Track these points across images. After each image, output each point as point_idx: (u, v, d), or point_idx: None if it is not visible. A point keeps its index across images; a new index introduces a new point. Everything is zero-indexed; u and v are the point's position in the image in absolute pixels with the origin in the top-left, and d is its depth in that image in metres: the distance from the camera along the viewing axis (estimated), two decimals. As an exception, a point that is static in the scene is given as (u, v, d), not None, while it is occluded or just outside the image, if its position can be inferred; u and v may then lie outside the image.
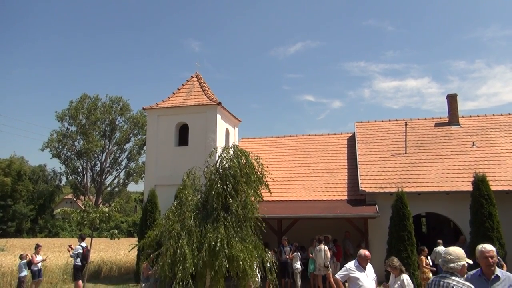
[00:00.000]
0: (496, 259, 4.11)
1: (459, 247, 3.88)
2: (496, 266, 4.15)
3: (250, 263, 7.98)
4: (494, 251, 4.12)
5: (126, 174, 50.14)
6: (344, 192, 15.62)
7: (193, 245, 7.54)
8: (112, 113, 47.85)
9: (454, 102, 18.36)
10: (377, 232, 13.76)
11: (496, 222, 11.67)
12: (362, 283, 6.01)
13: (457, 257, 3.72)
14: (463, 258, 3.71)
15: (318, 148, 18.88)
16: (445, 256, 3.77)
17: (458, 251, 3.77)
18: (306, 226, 15.07)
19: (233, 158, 8.69)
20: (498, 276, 4.04)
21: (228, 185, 8.29)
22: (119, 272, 17.32)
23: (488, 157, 15.29)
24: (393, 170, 15.44)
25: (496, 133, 16.80)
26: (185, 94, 18.08)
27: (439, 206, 14.31)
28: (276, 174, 16.76)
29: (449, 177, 14.47)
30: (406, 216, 12.26)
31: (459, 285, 3.55)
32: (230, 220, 8.03)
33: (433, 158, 15.77)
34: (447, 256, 3.75)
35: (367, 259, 6.21)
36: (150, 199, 14.94)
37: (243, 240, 8.14)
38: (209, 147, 15.22)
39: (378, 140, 17.81)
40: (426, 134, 17.60)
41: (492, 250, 4.12)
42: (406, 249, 11.85)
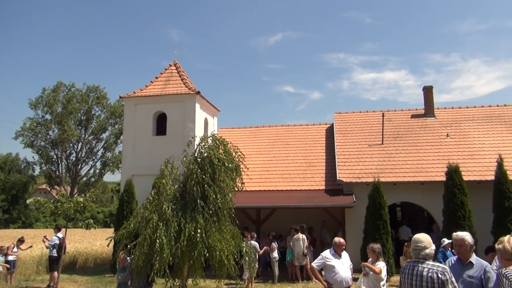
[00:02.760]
0: (465, 247, 4.23)
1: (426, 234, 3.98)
2: (472, 253, 4.28)
3: (228, 253, 8.01)
4: (465, 240, 4.24)
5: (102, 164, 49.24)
6: (322, 182, 15.78)
7: (170, 235, 7.48)
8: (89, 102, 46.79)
9: (430, 94, 18.71)
10: (353, 221, 13.97)
11: (468, 211, 12.03)
12: (338, 270, 6.11)
13: (428, 242, 3.83)
14: (432, 243, 3.83)
15: (297, 138, 18.97)
16: (417, 244, 3.86)
17: (427, 237, 3.89)
18: (284, 215, 15.19)
19: (211, 148, 8.64)
20: (472, 262, 4.18)
21: (207, 174, 8.25)
22: (95, 263, 17.09)
23: (461, 148, 15.69)
24: (370, 161, 15.67)
25: (469, 125, 17.24)
26: (163, 82, 17.81)
27: (414, 196, 14.65)
28: (255, 164, 16.79)
29: (424, 168, 14.79)
30: (382, 206, 12.51)
31: (434, 267, 3.64)
32: (208, 209, 8.00)
33: (409, 148, 16.09)
34: (419, 244, 3.85)
35: (342, 247, 6.31)
36: (127, 189, 14.73)
37: (220, 230, 8.15)
38: (187, 136, 15.05)
39: (356, 131, 18.02)
40: (403, 125, 17.91)
41: (462, 238, 4.25)
42: (382, 238, 12.10)
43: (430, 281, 3.57)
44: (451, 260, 4.43)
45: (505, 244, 3.77)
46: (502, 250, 3.78)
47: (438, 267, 3.64)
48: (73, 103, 45.13)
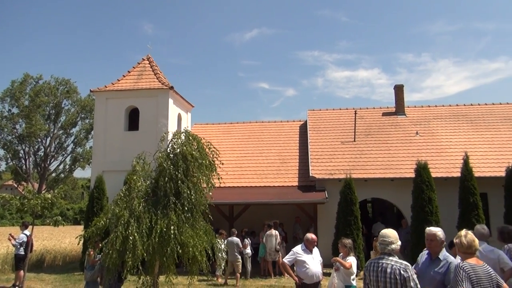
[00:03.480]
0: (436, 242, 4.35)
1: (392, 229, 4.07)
2: (442, 249, 4.39)
3: (201, 249, 7.97)
4: (436, 235, 4.35)
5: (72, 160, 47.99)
6: (295, 179, 15.92)
7: (142, 231, 7.37)
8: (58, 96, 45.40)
9: (400, 92, 19.15)
10: (325, 217, 14.18)
11: (435, 206, 12.42)
12: (309, 265, 6.21)
13: (395, 238, 3.91)
14: (398, 239, 3.92)
15: (271, 135, 19.05)
16: (384, 239, 3.94)
17: (394, 233, 3.97)
18: (257, 211, 15.24)
19: (184, 143, 8.55)
20: (439, 258, 4.29)
21: (180, 170, 8.16)
22: (63, 261, 16.66)
23: (430, 145, 16.16)
24: (342, 157, 15.92)
25: (438, 123, 17.77)
26: (135, 77, 17.50)
27: (384, 192, 14.99)
28: (229, 160, 16.75)
29: (394, 164, 15.15)
30: (353, 202, 12.74)
31: (397, 264, 3.73)
32: (181, 206, 7.93)
33: (380, 146, 16.43)
34: (386, 239, 3.92)
35: (313, 243, 6.42)
36: (97, 185, 14.42)
37: (193, 226, 8.09)
38: (160, 132, 14.84)
39: (329, 128, 18.26)
40: (374, 123, 18.27)
41: (434, 234, 4.37)
42: (352, 233, 12.33)
43: (393, 277, 3.66)
44: (423, 255, 4.54)
45: (461, 238, 3.93)
46: (459, 244, 3.94)
47: (401, 264, 3.73)
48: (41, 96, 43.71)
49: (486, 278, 3.68)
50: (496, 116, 18.01)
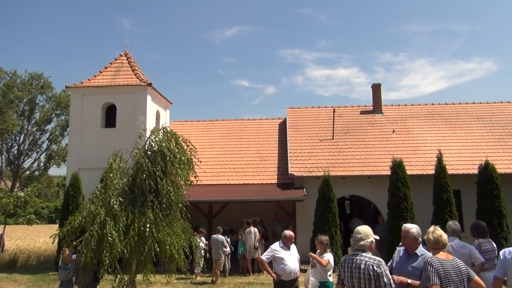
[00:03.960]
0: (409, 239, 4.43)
1: (367, 226, 4.14)
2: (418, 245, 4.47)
3: (178, 247, 7.92)
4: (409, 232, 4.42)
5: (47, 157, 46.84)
6: (274, 176, 15.98)
7: (119, 230, 7.27)
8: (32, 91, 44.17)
9: (378, 91, 19.44)
10: (304, 214, 14.29)
11: (410, 203, 12.68)
12: (287, 262, 6.27)
13: (365, 234, 3.97)
14: (371, 235, 3.99)
15: (250, 132, 19.06)
16: (355, 235, 4.01)
17: (366, 229, 4.03)
18: (236, 209, 15.24)
19: (162, 140, 8.47)
20: (417, 254, 4.37)
21: (158, 168, 8.08)
22: (38, 261, 16.26)
23: (405, 143, 16.48)
24: (320, 155, 16.06)
25: (414, 122, 18.13)
26: (113, 73, 17.20)
27: (361, 189, 15.22)
28: (208, 158, 16.69)
29: (371, 162, 15.39)
30: (331, 199, 12.88)
31: (371, 260, 3.79)
32: (158, 203, 7.86)
33: (358, 144, 16.66)
34: (357, 235, 4.00)
35: (291, 239, 6.48)
36: (73, 183, 14.14)
37: (171, 224, 8.03)
38: (138, 129, 14.58)
39: (308, 126, 18.39)
40: (352, 121, 18.51)
41: (407, 230, 4.44)
42: (330, 230, 12.48)
43: (367, 273, 3.72)
44: (400, 251, 4.61)
45: (429, 234, 4.04)
46: (427, 240, 4.06)
47: (374, 260, 3.79)
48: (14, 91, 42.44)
49: (455, 272, 3.78)
50: (469, 115, 18.51)
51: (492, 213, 12.25)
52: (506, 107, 19.16)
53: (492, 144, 16.17)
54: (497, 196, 12.45)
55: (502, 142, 16.25)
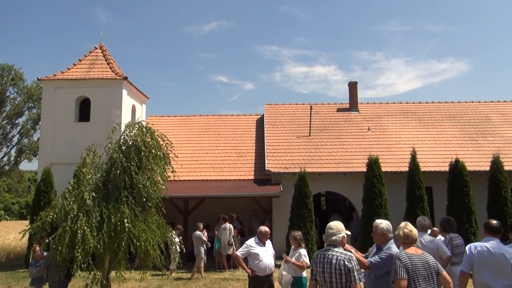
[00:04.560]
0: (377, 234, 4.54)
1: (339, 221, 4.21)
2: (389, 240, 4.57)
3: (153, 243, 7.84)
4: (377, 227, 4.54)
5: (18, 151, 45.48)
6: (251, 172, 16.01)
7: (92, 226, 7.13)
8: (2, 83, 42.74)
9: (354, 89, 19.71)
10: (280, 210, 14.38)
11: (384, 199, 12.95)
12: (262, 258, 6.30)
13: (337, 230, 4.04)
14: (342, 230, 4.06)
15: (227, 128, 19.01)
16: (327, 231, 4.08)
17: (338, 224, 4.10)
18: (213, 205, 15.18)
19: (137, 135, 8.34)
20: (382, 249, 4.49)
21: (132, 163, 7.97)
22: (7, 258, 15.82)
23: (380, 141, 16.78)
24: (297, 152, 16.18)
25: (389, 120, 18.48)
26: (87, 66, 16.82)
27: (337, 186, 15.42)
28: (185, 153, 16.57)
29: (347, 159, 15.61)
30: (307, 195, 13.01)
31: (342, 255, 3.87)
32: (132, 199, 7.75)
33: (334, 141, 16.86)
34: (329, 230, 4.07)
35: (266, 235, 6.52)
36: (45, 178, 13.79)
37: (146, 220, 7.94)
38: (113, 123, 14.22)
39: (285, 122, 18.48)
40: (329, 118, 18.70)
41: (376, 225, 4.57)
42: (306, 226, 12.61)
43: (338, 268, 3.79)
44: (374, 246, 4.73)
45: (400, 230, 4.15)
46: (398, 235, 4.17)
47: (346, 255, 3.86)
48: (-18, 83, 40.98)
49: (423, 266, 3.89)
50: (442, 114, 18.99)
51: (462, 209, 12.65)
52: (476, 106, 19.75)
53: (462, 142, 16.66)
54: (467, 193, 12.85)
55: (472, 141, 16.76)
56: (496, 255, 4.38)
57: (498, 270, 4.32)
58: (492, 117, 18.69)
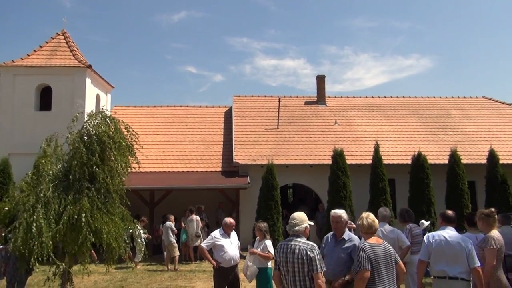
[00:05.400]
0: (342, 224, 4.62)
1: (303, 212, 4.26)
2: (346, 229, 4.68)
3: (116, 236, 7.68)
4: (341, 217, 4.61)
5: (-26, 141, 43.34)
6: (218, 164, 15.96)
7: (50, 218, 6.89)
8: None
9: (322, 83, 19.95)
10: (247, 202, 14.43)
11: (349, 191, 13.24)
12: (227, 249, 6.32)
13: (300, 220, 4.09)
14: (305, 221, 4.11)
15: (195, 120, 18.82)
16: (290, 221, 4.13)
17: (301, 215, 4.15)
18: (180, 197, 15.03)
19: (100, 125, 8.10)
20: (344, 238, 4.58)
21: (95, 153, 7.74)
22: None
23: (346, 134, 17.10)
24: (265, 144, 16.24)
25: (355, 114, 18.84)
26: (49, 53, 16.17)
27: (304, 178, 15.62)
28: (151, 144, 16.32)
29: (314, 151, 15.82)
30: (274, 187, 13.11)
31: (304, 245, 3.92)
32: (94, 191, 7.54)
33: (301, 133, 17.04)
34: (292, 221, 4.11)
35: (231, 227, 6.54)
36: (3, 169, 13.23)
37: (109, 212, 7.76)
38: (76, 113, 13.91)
39: (253, 114, 18.49)
40: (297, 111, 18.86)
41: (340, 216, 4.62)
42: (273, 217, 12.72)
43: (300, 257, 3.84)
44: (329, 237, 4.79)
45: (363, 220, 4.24)
46: (360, 226, 4.26)
47: (308, 245, 3.92)
48: None
49: (385, 255, 4.02)
50: (406, 109, 19.56)
51: (422, 201, 13.14)
52: (438, 102, 20.47)
53: (424, 136, 17.24)
54: (427, 185, 13.34)
55: (434, 135, 17.37)
56: (453, 243, 4.55)
57: (454, 257, 4.50)
58: (452, 112, 19.44)
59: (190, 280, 10.22)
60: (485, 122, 18.61)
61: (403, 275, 4.20)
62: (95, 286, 9.75)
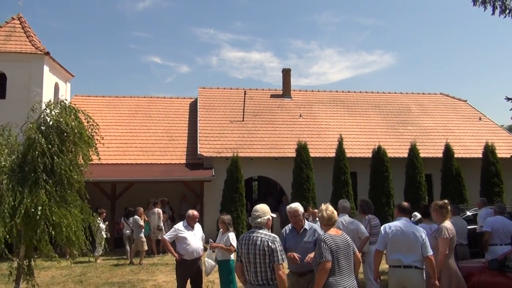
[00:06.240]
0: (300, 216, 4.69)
1: (265, 204, 4.30)
2: (304, 221, 4.76)
3: (76, 229, 7.46)
4: (298, 210, 4.69)
5: None
6: (183, 156, 15.79)
7: (3, 212, 6.59)
8: None
9: (287, 76, 20.09)
10: (212, 194, 14.36)
11: (312, 184, 13.47)
12: (190, 241, 6.30)
13: (263, 212, 4.13)
14: (268, 213, 4.15)
15: (159, 111, 18.49)
16: (253, 213, 4.16)
17: (264, 207, 4.19)
18: (143, 189, 14.75)
19: (59, 115, 7.80)
20: (306, 229, 4.67)
21: (53, 144, 7.45)
22: None
23: (311, 127, 17.35)
24: (230, 136, 16.20)
25: (319, 107, 19.13)
26: (3, 38, 15.33)
27: (268, 170, 15.72)
28: (113, 135, 15.92)
29: (279, 144, 15.95)
30: (239, 179, 13.13)
31: (266, 236, 3.96)
32: (52, 183, 7.27)
33: (266, 126, 17.12)
34: (254, 213, 4.15)
35: (195, 219, 6.51)
36: (-48, 160, 12.46)
37: (67, 205, 7.52)
38: (32, 102, 13.26)
39: (219, 106, 18.38)
40: (262, 104, 18.92)
41: (296, 209, 4.69)
42: (237, 210, 12.76)
43: (262, 249, 3.87)
44: (287, 229, 4.84)
45: (323, 212, 4.33)
46: (320, 218, 4.35)
47: (270, 236, 3.96)
48: None
49: (344, 246, 4.13)
50: (368, 104, 20.06)
51: (382, 193, 13.58)
52: (399, 97, 21.12)
53: (385, 130, 17.76)
54: (387, 177, 13.80)
55: (394, 129, 17.93)
56: (408, 233, 4.75)
57: (409, 246, 4.70)
58: (412, 107, 20.12)
59: (152, 273, 10.09)
60: (442, 118, 19.40)
61: (359, 264, 4.37)
62: (53, 281, 9.44)
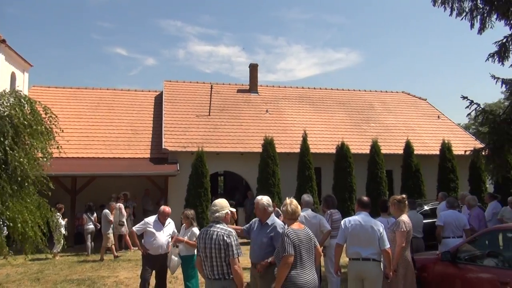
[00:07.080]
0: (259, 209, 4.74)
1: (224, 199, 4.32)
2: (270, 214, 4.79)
3: (32, 225, 7.19)
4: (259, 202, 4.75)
5: None
6: (147, 150, 15.52)
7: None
8: None
9: (254, 71, 20.11)
10: (176, 189, 14.20)
11: (278, 179, 13.61)
12: (157, 237, 6.35)
13: (221, 207, 4.14)
14: (226, 207, 4.17)
15: (123, 104, 18.06)
16: (211, 207, 4.18)
17: (222, 201, 4.22)
18: (105, 184, 14.39)
19: (14, 106, 7.46)
20: (268, 223, 4.71)
21: (7, 137, 7.12)
22: None
23: (277, 123, 17.47)
24: (196, 131, 16.05)
25: (285, 103, 19.28)
26: (-46, 23, 14.49)
27: (234, 165, 15.72)
28: (74, 128, 15.43)
29: (245, 139, 15.96)
30: (204, 174, 13.06)
31: (222, 231, 3.97)
32: (7, 177, 6.96)
33: (233, 121, 17.09)
34: (213, 207, 4.16)
35: (165, 216, 6.61)
36: None
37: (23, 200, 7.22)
38: (-14, 92, 12.70)
39: (185, 100, 18.16)
40: (229, 98, 18.86)
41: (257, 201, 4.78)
42: (202, 205, 12.71)
43: (217, 243, 3.90)
44: (256, 221, 4.90)
45: (287, 206, 4.38)
46: (284, 212, 4.39)
47: (226, 231, 3.98)
48: None
49: (306, 240, 4.20)
50: (333, 100, 20.42)
51: (345, 188, 13.89)
52: (363, 95, 21.63)
53: (349, 127, 18.15)
54: (350, 173, 14.12)
55: (357, 126, 18.35)
56: (366, 227, 4.89)
57: (367, 240, 4.84)
58: (375, 105, 20.66)
59: (113, 269, 9.86)
60: (403, 116, 20.04)
61: (320, 257, 4.48)
62: (7, 279, 9.06)
